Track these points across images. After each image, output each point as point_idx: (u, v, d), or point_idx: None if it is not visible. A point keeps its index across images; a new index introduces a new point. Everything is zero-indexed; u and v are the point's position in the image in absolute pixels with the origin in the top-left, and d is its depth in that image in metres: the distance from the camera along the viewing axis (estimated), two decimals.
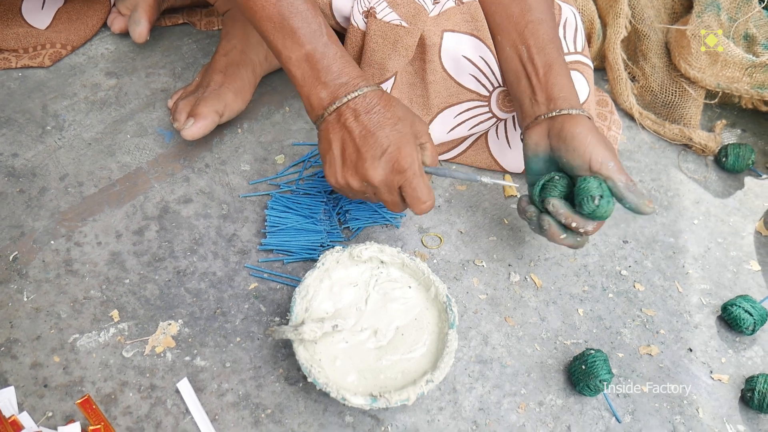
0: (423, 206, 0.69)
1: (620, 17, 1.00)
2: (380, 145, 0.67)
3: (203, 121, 0.83)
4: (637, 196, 0.71)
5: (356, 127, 0.68)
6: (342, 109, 0.68)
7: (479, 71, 0.83)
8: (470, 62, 0.82)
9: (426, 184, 0.69)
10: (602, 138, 0.73)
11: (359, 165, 0.68)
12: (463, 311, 0.79)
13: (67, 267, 0.76)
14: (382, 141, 0.67)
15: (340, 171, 0.70)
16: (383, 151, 0.67)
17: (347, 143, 0.69)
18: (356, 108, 0.68)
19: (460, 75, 0.83)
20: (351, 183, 0.70)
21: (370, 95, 0.68)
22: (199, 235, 0.81)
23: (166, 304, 0.75)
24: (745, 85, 0.98)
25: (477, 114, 0.86)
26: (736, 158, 0.97)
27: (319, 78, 0.69)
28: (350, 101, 0.68)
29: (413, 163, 0.67)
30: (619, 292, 0.84)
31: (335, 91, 0.68)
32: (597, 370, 0.71)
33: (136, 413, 0.68)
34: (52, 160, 0.85)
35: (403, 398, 0.65)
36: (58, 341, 0.71)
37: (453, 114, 0.86)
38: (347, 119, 0.68)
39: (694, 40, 0.95)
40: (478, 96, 0.85)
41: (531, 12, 0.78)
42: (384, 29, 0.80)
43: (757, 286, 0.87)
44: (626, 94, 1.02)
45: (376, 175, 0.68)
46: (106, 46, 0.98)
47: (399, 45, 0.80)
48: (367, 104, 0.68)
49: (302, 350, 0.66)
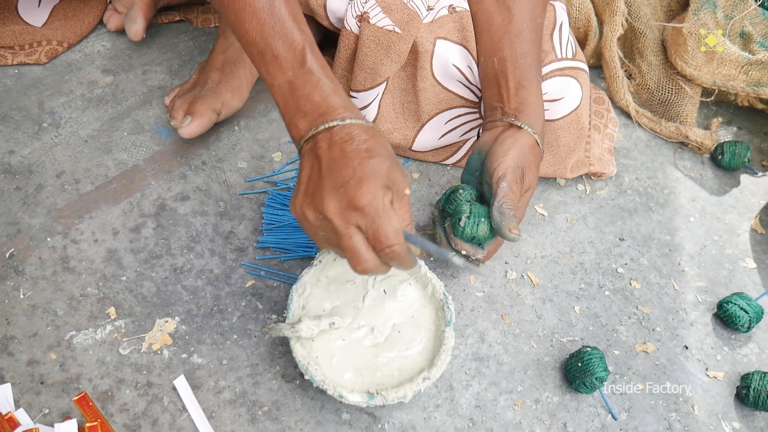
0: (388, 251, 0.58)
1: (617, 15, 1.01)
2: (342, 176, 0.58)
3: (200, 119, 0.83)
4: (502, 218, 0.69)
5: (326, 155, 0.60)
6: (318, 137, 0.61)
7: (466, 80, 0.84)
8: (459, 71, 0.83)
9: (394, 227, 0.58)
10: (524, 159, 0.72)
11: (317, 194, 0.60)
12: (460, 309, 0.79)
13: (63, 264, 0.76)
14: (346, 172, 0.58)
15: (300, 200, 0.62)
16: (344, 182, 0.58)
17: (314, 171, 0.61)
18: (332, 137, 0.61)
19: (449, 82, 0.84)
20: (306, 214, 0.61)
21: (352, 127, 0.61)
22: (196, 233, 0.81)
23: (163, 302, 0.75)
24: (741, 82, 0.98)
25: (468, 120, 0.87)
26: (732, 156, 0.97)
27: (299, 107, 0.63)
28: (327, 129, 0.61)
29: (376, 201, 0.58)
30: (615, 289, 0.84)
31: (314, 120, 0.62)
32: (593, 367, 0.72)
33: (133, 410, 0.68)
34: (49, 158, 0.85)
35: (399, 396, 0.65)
36: (54, 338, 0.71)
37: (443, 120, 0.87)
38: (321, 147, 0.61)
39: (691, 38, 0.95)
40: (467, 102, 0.85)
41: (512, 23, 0.78)
42: (377, 35, 0.80)
43: (753, 283, 0.88)
44: (623, 91, 1.02)
45: (328, 206, 0.58)
46: (103, 44, 0.98)
47: (392, 51, 0.81)
48: (346, 134, 0.60)
49: (299, 348, 0.67)
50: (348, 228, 0.59)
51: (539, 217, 0.89)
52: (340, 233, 0.59)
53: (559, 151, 0.88)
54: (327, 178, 0.59)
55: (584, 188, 0.93)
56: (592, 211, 0.91)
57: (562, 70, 0.86)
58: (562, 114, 0.86)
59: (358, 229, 0.59)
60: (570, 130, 0.87)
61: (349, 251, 0.59)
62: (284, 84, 0.64)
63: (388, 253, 0.59)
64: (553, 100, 0.85)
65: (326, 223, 0.59)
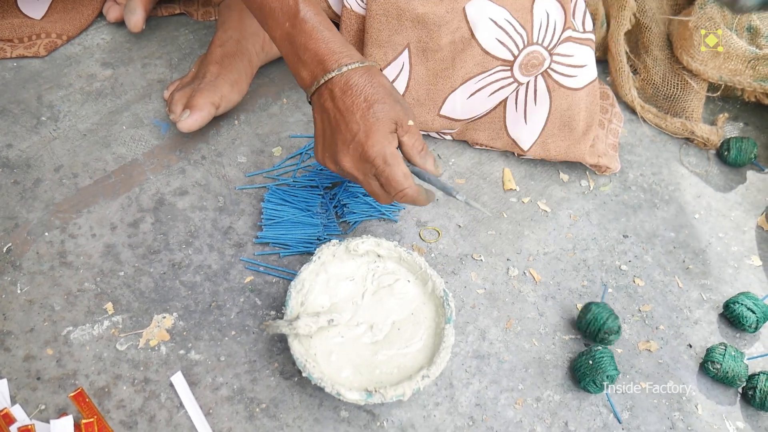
0: (401, 194, 0.67)
1: (625, 9, 0.99)
2: (350, 131, 0.66)
3: (199, 113, 0.82)
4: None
5: (332, 109, 0.67)
6: (321, 90, 0.67)
7: (505, 34, 0.81)
8: (496, 25, 0.81)
9: (402, 171, 0.66)
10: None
11: (332, 149, 0.68)
12: (461, 306, 0.78)
13: (61, 259, 0.76)
14: (352, 126, 0.65)
15: (320, 152, 0.70)
16: (352, 137, 0.66)
17: (325, 125, 0.68)
18: (332, 89, 0.66)
19: (487, 40, 0.81)
20: (329, 165, 0.70)
21: (348, 74, 0.65)
22: (195, 228, 0.80)
23: (161, 297, 0.75)
24: (748, 77, 0.96)
25: (499, 79, 0.85)
26: (738, 152, 0.96)
27: (299, 56, 0.67)
28: (328, 81, 0.66)
29: (382, 150, 0.65)
30: (618, 287, 0.83)
31: (314, 71, 0.67)
32: (605, 365, 0.71)
33: (130, 407, 0.67)
34: (47, 151, 0.84)
35: (398, 393, 0.64)
36: (51, 334, 0.71)
37: (475, 80, 0.85)
38: (325, 100, 0.67)
39: (697, 32, 0.94)
40: (503, 62, 0.83)
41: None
42: (385, 6, 0.79)
43: (759, 281, 0.86)
44: (628, 86, 1.00)
45: (344, 162, 0.67)
46: (102, 36, 0.97)
47: (403, 18, 0.79)
48: (344, 84, 0.65)
49: (297, 345, 0.66)
50: (365, 177, 0.68)
51: (542, 213, 0.88)
52: (360, 181, 0.69)
53: (577, 127, 0.88)
54: (337, 134, 0.67)
55: (588, 184, 0.92)
56: (595, 208, 0.90)
57: (583, 40, 0.86)
58: (585, 82, 0.87)
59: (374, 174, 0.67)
60: (589, 102, 0.87)
61: (372, 194, 0.70)
62: (283, 36, 0.68)
63: (400, 197, 0.67)
64: (579, 65, 0.86)
65: (346, 173, 0.69)
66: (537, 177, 0.92)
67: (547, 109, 0.88)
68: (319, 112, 0.68)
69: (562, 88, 0.86)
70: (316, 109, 0.69)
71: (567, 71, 0.86)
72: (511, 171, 0.91)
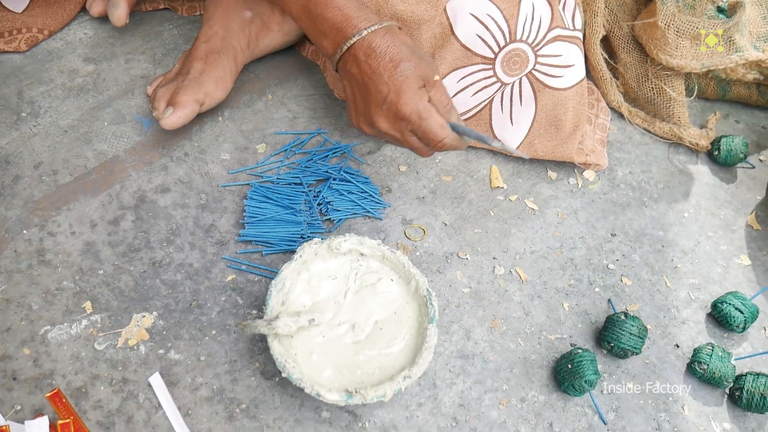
0: (440, 145, 0.69)
1: (597, 16, 0.96)
2: (380, 93, 0.68)
3: (183, 110, 0.81)
4: None
5: (358, 74, 0.69)
6: (345, 58, 0.70)
7: (485, 29, 0.80)
8: (477, 20, 0.80)
9: (438, 123, 0.68)
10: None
11: (366, 113, 0.71)
12: (446, 305, 0.77)
13: (39, 257, 0.75)
14: (382, 88, 0.67)
15: (355, 118, 0.73)
16: (384, 98, 0.68)
17: (355, 91, 0.71)
18: (356, 54, 0.68)
19: (467, 36, 0.81)
20: (365, 129, 0.73)
21: (369, 38, 0.68)
22: (176, 226, 0.79)
23: (141, 296, 0.73)
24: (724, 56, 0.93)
25: (481, 78, 0.84)
26: (728, 153, 0.95)
27: (318, 28, 0.70)
28: (350, 48, 0.69)
29: (416, 107, 0.67)
30: (605, 286, 0.82)
31: (335, 39, 0.70)
32: (583, 370, 0.70)
33: (107, 407, 0.66)
34: (27, 148, 0.83)
35: (379, 394, 0.63)
36: (28, 333, 0.70)
37: (456, 78, 0.84)
38: (351, 67, 0.69)
39: (669, 30, 0.91)
40: (483, 59, 0.82)
41: None
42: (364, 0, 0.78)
43: (747, 281, 0.85)
44: (613, 92, 0.99)
45: (380, 123, 0.70)
46: (85, 31, 0.96)
47: (382, 13, 0.78)
48: (366, 48, 0.68)
49: (277, 345, 0.65)
50: (404, 134, 0.70)
51: (529, 211, 0.87)
52: (399, 139, 0.71)
53: (564, 127, 0.87)
54: (369, 97, 0.69)
55: (576, 182, 0.91)
56: (583, 206, 0.89)
57: (571, 38, 0.85)
58: (573, 82, 0.86)
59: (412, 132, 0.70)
60: (576, 102, 0.86)
61: (413, 149, 0.72)
62: (300, 9, 0.71)
63: (440, 147, 0.70)
64: (567, 65, 0.84)
65: (384, 134, 0.71)
66: (525, 175, 0.91)
67: (533, 110, 0.87)
68: (347, 78, 0.71)
69: (547, 88, 0.85)
70: (344, 75, 0.72)
71: (553, 71, 0.85)
72: (498, 169, 0.90)
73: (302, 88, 0.94)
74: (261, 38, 0.90)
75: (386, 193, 0.85)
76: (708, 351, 0.75)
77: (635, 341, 0.73)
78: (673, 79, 0.95)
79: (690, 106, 1.02)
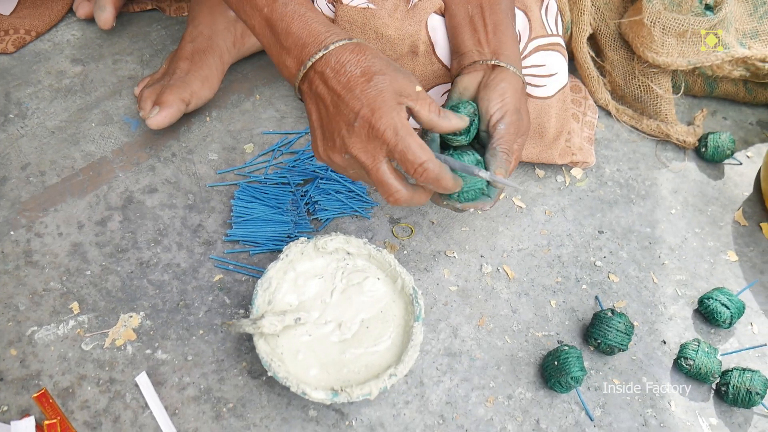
0: (421, 169, 0.58)
1: (584, 14, 0.96)
2: (351, 109, 0.58)
3: (168, 109, 0.81)
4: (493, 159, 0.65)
5: (326, 93, 0.60)
6: (310, 75, 0.61)
7: None
8: None
9: (417, 141, 0.58)
10: (520, 102, 0.68)
11: (335, 135, 0.60)
12: (433, 303, 0.78)
13: (26, 258, 0.75)
14: (353, 104, 0.58)
15: (321, 146, 0.63)
16: (356, 114, 0.58)
17: (322, 113, 0.61)
18: (323, 71, 0.60)
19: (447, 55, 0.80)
20: (333, 159, 0.62)
21: (337, 52, 0.59)
22: (164, 226, 0.79)
23: (128, 296, 0.74)
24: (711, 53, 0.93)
25: None
26: (715, 150, 0.95)
27: (281, 43, 0.62)
28: (315, 63, 0.60)
29: (392, 122, 0.57)
30: (593, 283, 0.82)
31: (299, 55, 0.61)
32: (569, 366, 0.70)
33: (94, 407, 0.66)
34: (14, 149, 0.83)
35: (365, 393, 0.63)
36: (15, 334, 0.70)
37: (439, 93, 0.84)
38: (317, 86, 0.60)
39: (655, 27, 0.91)
40: None
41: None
42: (351, 14, 0.78)
43: (734, 277, 0.86)
44: (600, 91, 0.99)
45: (350, 144, 0.59)
46: (72, 33, 0.96)
47: (367, 27, 0.79)
48: (335, 63, 0.59)
49: (263, 344, 0.65)
50: (375, 161, 0.59)
51: (516, 209, 0.87)
52: (368, 167, 0.60)
53: (547, 134, 0.86)
54: (338, 117, 0.60)
55: (564, 180, 0.92)
56: (571, 203, 0.89)
57: (552, 45, 0.84)
58: (555, 90, 0.84)
59: (386, 156, 0.59)
60: (559, 109, 0.85)
61: (380, 184, 0.60)
62: (262, 23, 0.63)
63: (422, 173, 0.59)
64: (549, 75, 0.84)
65: (353, 161, 0.60)
66: (512, 173, 0.91)
67: None
68: (312, 100, 0.62)
69: (530, 98, 0.85)
70: (308, 98, 0.62)
71: (537, 81, 0.84)
72: None
73: (290, 88, 0.94)
74: (247, 37, 0.90)
75: (374, 192, 0.85)
76: (694, 347, 0.75)
77: (622, 338, 0.73)
78: (659, 76, 0.96)
79: (677, 103, 1.02)
